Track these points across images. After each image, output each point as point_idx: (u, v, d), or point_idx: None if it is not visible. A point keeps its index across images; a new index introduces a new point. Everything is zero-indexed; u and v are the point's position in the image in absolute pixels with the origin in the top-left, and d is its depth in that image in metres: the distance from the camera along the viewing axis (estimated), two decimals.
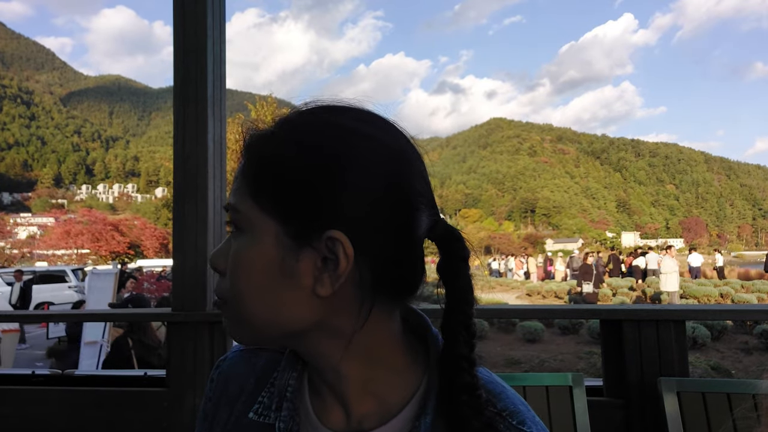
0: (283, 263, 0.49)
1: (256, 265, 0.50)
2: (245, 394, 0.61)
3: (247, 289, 0.50)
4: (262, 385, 0.61)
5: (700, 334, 7.77)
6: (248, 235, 0.51)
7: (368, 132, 0.50)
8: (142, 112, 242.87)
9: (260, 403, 0.59)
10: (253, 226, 0.50)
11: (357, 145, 0.49)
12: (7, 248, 44.95)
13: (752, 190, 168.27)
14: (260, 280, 0.50)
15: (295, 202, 0.49)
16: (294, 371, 0.58)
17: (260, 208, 0.50)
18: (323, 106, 0.53)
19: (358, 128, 0.50)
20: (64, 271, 16.95)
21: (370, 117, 0.52)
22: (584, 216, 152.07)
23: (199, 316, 2.10)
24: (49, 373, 2.37)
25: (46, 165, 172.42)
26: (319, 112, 0.52)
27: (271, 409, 0.57)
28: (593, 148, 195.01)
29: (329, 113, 0.52)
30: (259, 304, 0.50)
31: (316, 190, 0.48)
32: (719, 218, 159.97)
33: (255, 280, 0.50)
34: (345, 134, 0.50)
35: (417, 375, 0.54)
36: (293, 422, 0.56)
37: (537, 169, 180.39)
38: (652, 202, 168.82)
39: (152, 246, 45.75)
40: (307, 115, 0.52)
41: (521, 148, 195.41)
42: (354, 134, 0.50)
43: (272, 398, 0.58)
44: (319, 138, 0.50)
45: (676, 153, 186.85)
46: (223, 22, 2.30)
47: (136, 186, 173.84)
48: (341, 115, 0.51)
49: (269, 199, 0.50)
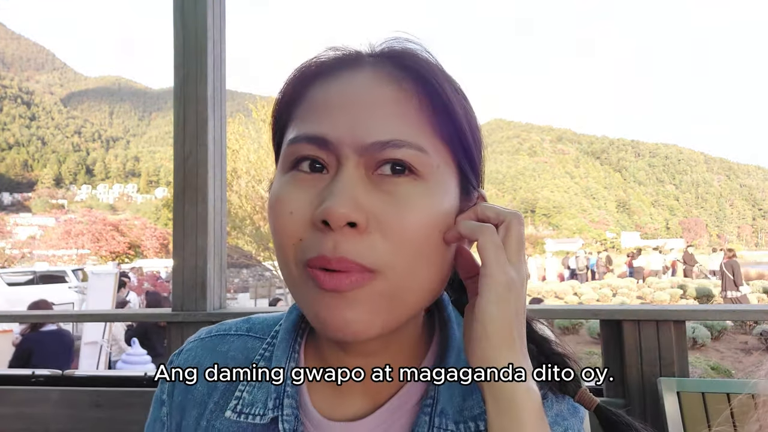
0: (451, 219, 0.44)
1: (436, 220, 0.42)
2: (218, 393, 0.53)
3: (420, 249, 0.41)
4: (237, 377, 0.53)
5: (699, 335, 7.78)
6: (431, 182, 0.42)
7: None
8: (142, 112, 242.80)
9: (239, 399, 0.51)
10: (439, 171, 0.43)
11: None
12: (7, 248, 44.94)
13: (752, 190, 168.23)
14: (437, 239, 0.43)
15: (474, 151, 0.46)
16: (292, 362, 0.51)
17: (447, 150, 0.44)
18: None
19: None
20: (64, 271, 16.95)
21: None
22: (584, 216, 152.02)
23: (199, 316, 2.10)
24: (49, 373, 2.37)
25: (46, 165, 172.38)
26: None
27: (256, 406, 0.50)
28: (593, 148, 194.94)
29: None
30: (427, 269, 0.43)
31: (481, 141, 0.47)
32: (719, 218, 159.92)
33: (433, 239, 0.42)
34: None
35: (428, 331, 0.53)
36: (298, 422, 0.49)
37: (537, 169, 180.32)
38: (652, 203, 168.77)
39: (152, 246, 45.73)
40: (431, 55, 0.46)
41: (521, 149, 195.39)
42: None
43: (256, 393, 0.51)
44: (461, 89, 0.46)
45: (675, 153, 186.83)
46: (223, 22, 2.30)
47: (136, 186, 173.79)
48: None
49: (455, 140, 0.44)
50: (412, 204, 0.41)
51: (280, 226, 0.43)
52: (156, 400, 0.57)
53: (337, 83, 0.44)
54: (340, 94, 0.43)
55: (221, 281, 2.20)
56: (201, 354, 0.57)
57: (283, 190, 0.44)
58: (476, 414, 0.48)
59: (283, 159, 0.45)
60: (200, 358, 0.56)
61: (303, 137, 0.43)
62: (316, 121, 0.43)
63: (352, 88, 0.43)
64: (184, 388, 0.55)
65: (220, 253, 2.21)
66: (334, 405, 0.50)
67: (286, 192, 0.43)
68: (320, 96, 0.44)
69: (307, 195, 0.42)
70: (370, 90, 0.43)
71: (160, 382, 0.58)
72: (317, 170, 0.43)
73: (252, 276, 21.05)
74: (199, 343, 0.58)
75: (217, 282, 2.17)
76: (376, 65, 0.45)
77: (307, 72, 0.46)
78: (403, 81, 0.43)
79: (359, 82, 0.44)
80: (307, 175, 0.43)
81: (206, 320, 2.10)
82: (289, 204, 0.43)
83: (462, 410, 0.48)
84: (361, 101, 0.42)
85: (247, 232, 14.48)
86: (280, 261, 0.45)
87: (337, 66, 0.45)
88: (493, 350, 0.40)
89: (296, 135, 0.44)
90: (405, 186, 0.41)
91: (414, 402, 0.49)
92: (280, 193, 0.44)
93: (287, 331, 0.54)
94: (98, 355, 5.85)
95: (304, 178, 0.43)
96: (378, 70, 0.44)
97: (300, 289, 0.44)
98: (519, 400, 0.40)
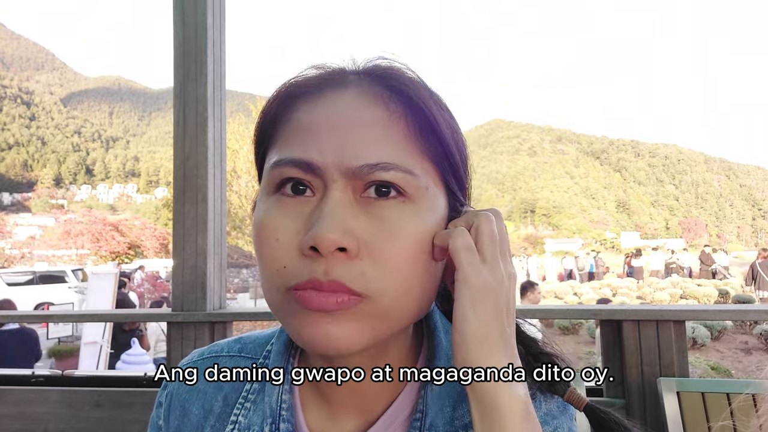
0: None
1: (426, 242, 0.42)
2: (213, 416, 0.53)
3: (411, 273, 0.41)
4: (232, 402, 0.53)
5: (699, 334, 7.78)
6: (419, 204, 0.42)
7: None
8: (142, 112, 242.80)
9: (234, 424, 0.51)
10: (428, 193, 0.43)
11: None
12: (6, 248, 44.93)
13: (752, 190, 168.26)
14: (426, 260, 0.42)
15: (461, 169, 0.46)
16: (286, 384, 0.51)
17: (436, 171, 0.44)
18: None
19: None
20: (64, 271, 16.94)
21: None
22: (584, 216, 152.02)
23: (199, 316, 2.09)
24: (49, 373, 2.37)
25: (46, 165, 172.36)
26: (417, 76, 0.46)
27: (252, 429, 0.50)
28: (593, 148, 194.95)
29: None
30: (417, 291, 0.43)
31: (467, 157, 0.47)
32: (719, 218, 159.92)
33: (422, 261, 0.42)
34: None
35: (417, 339, 0.53)
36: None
37: (537, 169, 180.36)
38: (652, 203, 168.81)
39: (152, 246, 45.71)
40: (415, 74, 0.45)
41: (521, 149, 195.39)
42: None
43: (251, 416, 0.51)
44: (446, 105, 0.46)
45: (675, 153, 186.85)
46: (223, 22, 2.30)
47: (136, 186, 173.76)
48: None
49: (443, 160, 0.44)
50: (402, 228, 0.41)
51: (266, 253, 0.42)
52: (153, 425, 0.57)
53: (322, 104, 0.43)
54: (326, 115, 0.42)
55: (221, 281, 2.20)
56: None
57: (268, 216, 0.43)
58: (467, 422, 0.48)
59: (267, 181, 0.44)
60: (195, 384, 0.56)
61: (288, 161, 0.42)
62: (301, 144, 0.42)
63: (338, 108, 0.43)
64: (181, 413, 0.54)
65: (220, 253, 2.21)
66: (329, 426, 0.50)
67: (272, 218, 0.42)
68: (305, 117, 0.43)
69: (293, 222, 0.41)
70: (357, 111, 0.42)
71: (156, 406, 0.57)
72: (301, 192, 0.42)
73: (252, 276, 21.03)
74: (192, 366, 0.58)
75: (217, 282, 2.17)
76: (361, 84, 0.44)
77: (290, 91, 0.45)
78: (390, 102, 0.43)
79: (345, 103, 0.43)
80: (291, 198, 0.42)
81: (206, 320, 2.10)
82: (275, 231, 0.42)
83: (453, 420, 0.48)
84: (347, 123, 0.42)
85: (247, 232, 14.49)
86: (264, 286, 0.44)
87: (320, 85, 0.45)
88: (471, 353, 0.40)
89: (280, 158, 0.43)
90: (394, 209, 0.41)
91: (405, 416, 0.49)
92: (265, 219, 0.43)
93: (278, 353, 0.53)
94: (98, 355, 5.86)
95: (289, 203, 0.42)
96: (363, 90, 0.44)
97: (283, 312, 0.43)
98: (502, 402, 0.39)
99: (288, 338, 0.54)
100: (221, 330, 2.13)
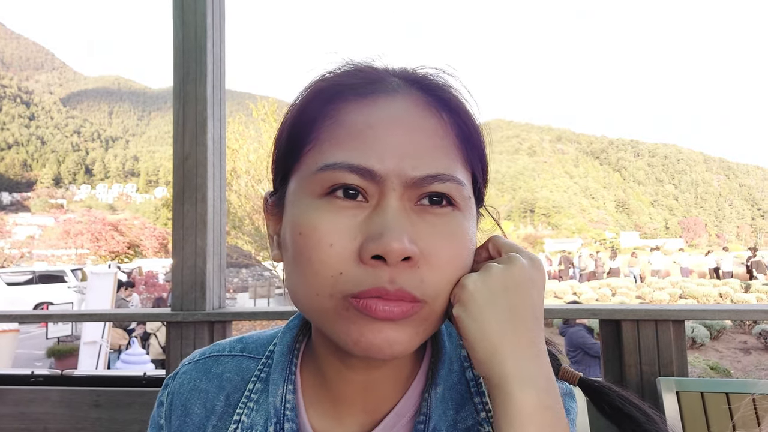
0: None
1: (471, 249, 0.44)
2: (216, 416, 0.52)
3: (456, 278, 0.43)
4: (235, 401, 0.53)
5: (699, 334, 7.79)
6: (465, 212, 0.44)
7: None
8: (141, 111, 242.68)
9: (237, 423, 0.51)
10: (470, 202, 0.45)
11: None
12: (6, 248, 44.91)
13: (751, 190, 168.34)
14: (470, 265, 0.44)
15: (484, 178, 0.48)
16: (290, 384, 0.51)
17: (472, 180, 0.46)
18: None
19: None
20: (64, 271, 16.94)
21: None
22: (583, 216, 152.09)
23: (198, 316, 2.10)
24: (49, 373, 2.37)
25: (45, 165, 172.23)
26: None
27: (255, 429, 0.50)
28: (592, 148, 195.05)
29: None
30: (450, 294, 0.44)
31: (488, 164, 0.48)
32: (718, 218, 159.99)
33: (468, 266, 0.44)
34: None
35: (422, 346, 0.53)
36: None
37: (536, 169, 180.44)
38: (651, 202, 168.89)
39: (151, 246, 45.70)
40: (462, 84, 0.47)
41: (521, 148, 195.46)
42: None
43: (254, 416, 0.51)
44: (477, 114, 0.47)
45: (675, 153, 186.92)
46: (223, 22, 2.30)
47: (135, 186, 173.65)
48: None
49: (478, 171, 0.46)
50: (455, 236, 0.42)
51: (318, 258, 0.41)
52: (153, 424, 0.57)
53: (376, 108, 0.42)
54: (383, 121, 0.42)
55: (220, 281, 2.20)
56: (196, 376, 0.56)
57: (320, 220, 0.41)
58: (470, 425, 0.49)
59: (313, 183, 0.42)
60: (195, 381, 0.56)
61: (345, 166, 0.41)
62: (358, 149, 0.41)
63: (395, 114, 0.42)
64: (182, 412, 0.54)
65: (220, 253, 2.21)
66: (332, 425, 0.50)
67: (325, 221, 0.41)
68: (359, 120, 0.42)
69: (347, 228, 0.40)
70: (415, 120, 0.42)
71: (157, 405, 0.57)
72: (352, 196, 0.41)
73: (251, 276, 21.02)
74: (194, 365, 0.58)
75: (216, 282, 2.17)
76: (410, 92, 0.44)
77: (335, 89, 0.44)
78: (443, 112, 0.43)
79: (401, 110, 0.42)
80: (344, 202, 0.41)
81: (205, 320, 2.10)
82: (328, 236, 0.40)
83: (456, 422, 0.48)
84: (406, 131, 0.41)
85: (247, 232, 14.47)
86: (307, 290, 0.42)
87: (370, 87, 0.43)
88: (481, 362, 0.41)
89: (335, 162, 0.41)
90: (447, 218, 0.42)
91: (409, 417, 0.49)
92: (316, 222, 0.41)
93: (282, 353, 0.53)
94: (97, 355, 5.86)
95: (343, 206, 0.41)
96: (414, 98, 0.43)
97: (335, 318, 0.41)
98: (520, 404, 0.39)
99: (292, 340, 0.54)
100: (220, 330, 2.13)
